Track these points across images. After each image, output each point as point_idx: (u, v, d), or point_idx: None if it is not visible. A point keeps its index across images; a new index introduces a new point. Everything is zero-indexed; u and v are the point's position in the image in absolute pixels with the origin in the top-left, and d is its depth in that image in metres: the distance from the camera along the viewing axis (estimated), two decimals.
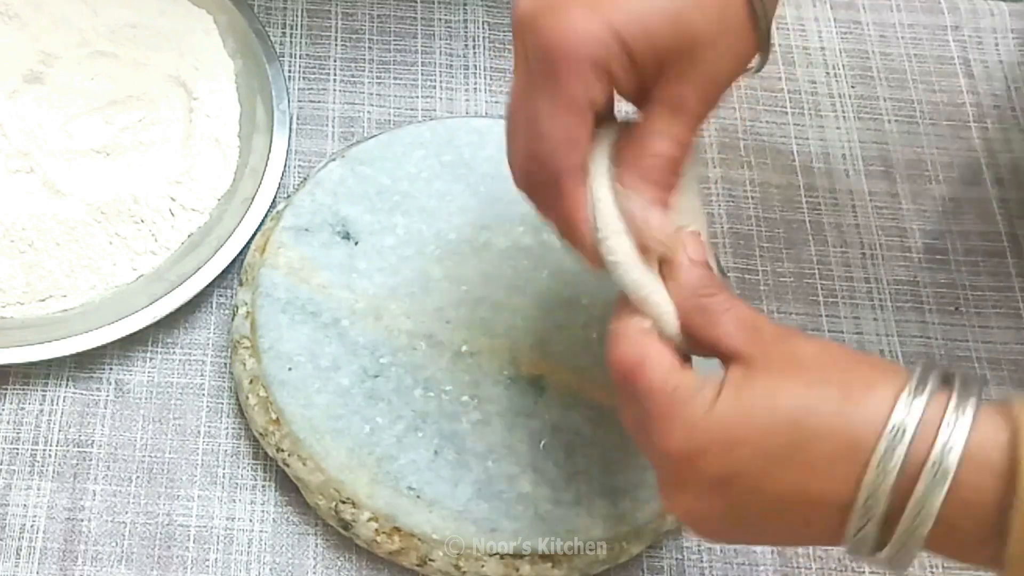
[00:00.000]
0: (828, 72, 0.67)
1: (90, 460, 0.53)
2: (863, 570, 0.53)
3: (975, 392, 0.37)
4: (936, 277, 0.61)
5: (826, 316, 0.59)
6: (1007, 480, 0.35)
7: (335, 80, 0.64)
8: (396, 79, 0.64)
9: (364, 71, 0.64)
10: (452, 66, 0.65)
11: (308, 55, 0.64)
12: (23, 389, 0.54)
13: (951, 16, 0.70)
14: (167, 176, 0.57)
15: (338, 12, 0.66)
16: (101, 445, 0.53)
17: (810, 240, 0.62)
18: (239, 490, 0.52)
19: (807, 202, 0.63)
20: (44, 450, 0.53)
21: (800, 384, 0.38)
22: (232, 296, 0.57)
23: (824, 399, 0.37)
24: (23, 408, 0.54)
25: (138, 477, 0.52)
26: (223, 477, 0.53)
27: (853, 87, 0.67)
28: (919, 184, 0.64)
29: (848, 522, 0.37)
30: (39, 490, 0.52)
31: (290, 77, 0.63)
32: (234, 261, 0.56)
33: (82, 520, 0.51)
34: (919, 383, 0.37)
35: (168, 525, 0.51)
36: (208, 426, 0.54)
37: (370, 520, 0.50)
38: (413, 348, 0.53)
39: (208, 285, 0.55)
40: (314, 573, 0.51)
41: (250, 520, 0.52)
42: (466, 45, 0.66)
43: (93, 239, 0.55)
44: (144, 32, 0.62)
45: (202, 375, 0.55)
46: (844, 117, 0.66)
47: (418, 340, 0.53)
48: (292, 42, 0.65)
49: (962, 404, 0.36)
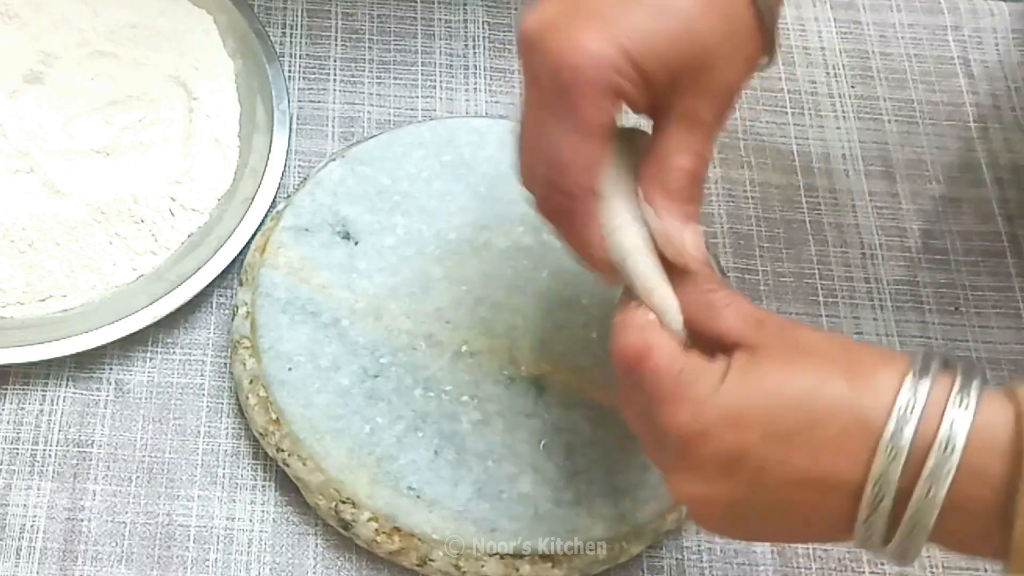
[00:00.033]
0: (828, 72, 0.67)
1: (90, 460, 0.53)
2: (863, 571, 0.53)
3: (978, 376, 0.37)
4: (936, 277, 0.61)
5: (826, 316, 0.59)
6: (1013, 462, 0.35)
7: (335, 80, 0.64)
8: (396, 79, 0.64)
9: (364, 71, 0.64)
10: (452, 66, 0.65)
11: (308, 55, 0.64)
12: (23, 389, 0.54)
13: (951, 16, 0.70)
14: (167, 176, 0.57)
15: (338, 12, 0.66)
16: (101, 445, 0.53)
17: (810, 240, 0.62)
18: (239, 490, 0.52)
19: (807, 202, 0.63)
20: (44, 450, 0.53)
21: (806, 367, 0.38)
22: (232, 296, 0.57)
23: (830, 380, 0.37)
24: (23, 408, 0.54)
25: (138, 477, 0.52)
26: (223, 477, 0.53)
27: (853, 87, 0.67)
28: (919, 184, 0.64)
29: (858, 507, 0.37)
30: (39, 490, 0.52)
31: (290, 77, 0.63)
32: (234, 261, 0.56)
33: (82, 520, 0.51)
34: (923, 366, 0.37)
35: (168, 525, 0.51)
36: (208, 426, 0.54)
37: (370, 520, 0.50)
38: (413, 348, 0.53)
39: (208, 285, 0.55)
40: (314, 573, 0.51)
41: (250, 520, 0.52)
42: (466, 45, 0.66)
43: (93, 239, 0.55)
44: (144, 32, 0.62)
45: (202, 375, 0.55)
46: (844, 117, 0.66)
47: (418, 340, 0.53)
48: (292, 42, 0.65)
49: (966, 386, 0.36)
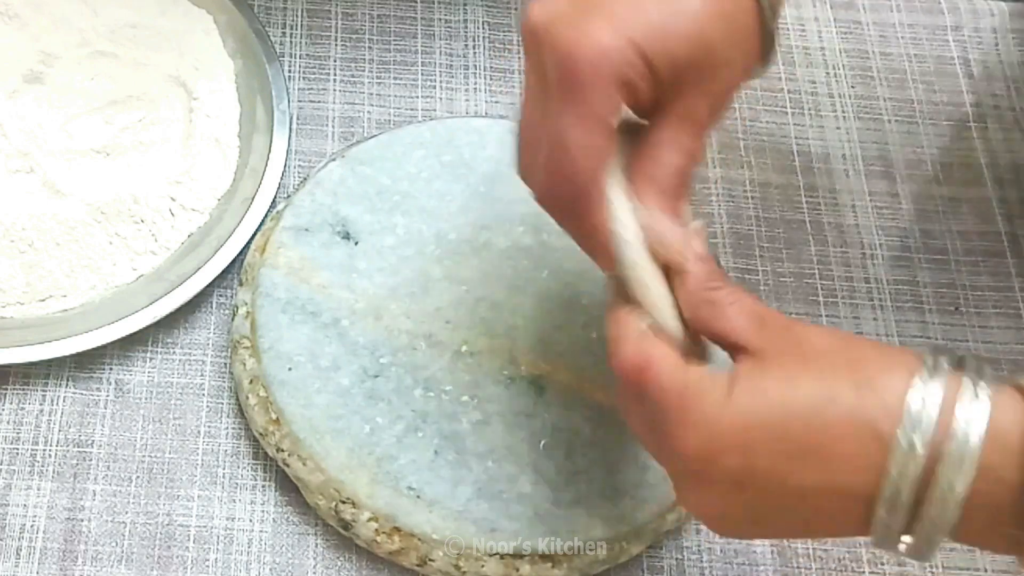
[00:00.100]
0: (828, 72, 0.67)
1: (90, 460, 0.53)
2: (863, 571, 0.53)
3: (988, 373, 0.36)
4: (936, 277, 0.61)
5: (826, 316, 0.59)
6: None
7: (335, 80, 0.64)
8: (396, 79, 0.64)
9: (364, 71, 0.64)
10: (452, 66, 0.65)
11: (308, 55, 0.64)
12: (23, 389, 0.54)
13: (951, 16, 0.70)
14: (167, 176, 0.57)
15: (338, 12, 0.66)
16: (101, 445, 0.53)
17: (810, 240, 0.62)
18: (239, 490, 0.52)
19: (807, 202, 0.63)
20: (44, 450, 0.53)
21: (813, 375, 0.37)
22: (232, 296, 0.57)
23: (839, 389, 0.37)
24: (23, 408, 0.54)
25: (138, 477, 0.52)
26: (223, 477, 0.53)
27: (853, 87, 0.67)
28: (919, 184, 0.64)
29: (873, 513, 0.36)
30: (39, 490, 0.52)
31: (290, 77, 0.63)
32: (234, 261, 0.56)
33: (82, 520, 0.51)
34: (932, 365, 0.37)
35: (168, 525, 0.51)
36: (208, 426, 0.54)
37: (370, 520, 0.50)
38: (413, 348, 0.53)
39: (208, 285, 0.55)
40: (314, 573, 0.51)
41: (250, 520, 0.52)
42: (466, 45, 0.66)
43: (93, 239, 0.55)
44: (144, 32, 0.62)
45: (202, 375, 0.55)
46: (844, 117, 0.66)
47: (418, 340, 0.53)
48: (292, 42, 0.65)
49: (977, 386, 0.36)
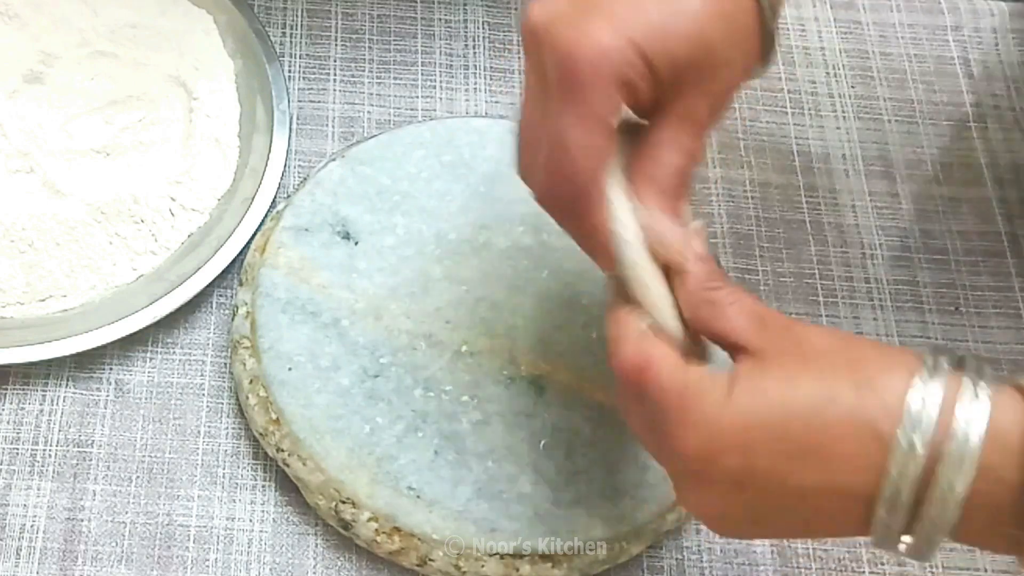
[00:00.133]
0: (828, 72, 0.67)
1: (90, 460, 0.53)
2: (863, 571, 0.53)
3: (988, 373, 0.36)
4: (936, 277, 0.61)
5: (826, 316, 0.59)
6: None
7: (335, 80, 0.64)
8: (396, 79, 0.64)
9: (364, 71, 0.64)
10: (452, 66, 0.65)
11: (308, 55, 0.64)
12: (23, 389, 0.54)
13: (951, 16, 0.70)
14: (167, 176, 0.57)
15: (338, 12, 0.66)
16: (101, 445, 0.53)
17: (810, 240, 0.62)
18: (239, 490, 0.52)
19: (807, 202, 0.63)
20: (44, 450, 0.53)
21: (813, 375, 0.37)
22: (232, 296, 0.57)
23: (839, 389, 0.37)
24: (23, 408, 0.54)
25: (138, 477, 0.52)
26: (223, 477, 0.53)
27: (853, 87, 0.67)
28: (919, 184, 0.64)
29: (873, 513, 0.36)
30: (39, 490, 0.52)
31: (290, 77, 0.63)
32: (234, 261, 0.56)
33: (82, 520, 0.51)
34: (932, 364, 0.37)
35: (168, 525, 0.51)
36: (208, 426, 0.54)
37: (370, 520, 0.50)
38: (413, 348, 0.53)
39: (208, 285, 0.55)
40: (314, 573, 0.51)
41: (250, 520, 0.52)
42: (466, 45, 0.66)
43: (93, 239, 0.55)
44: (144, 32, 0.62)
45: (202, 375, 0.55)
46: (844, 117, 0.66)
47: (418, 340, 0.53)
48: (292, 42, 0.65)
49: (977, 385, 0.36)
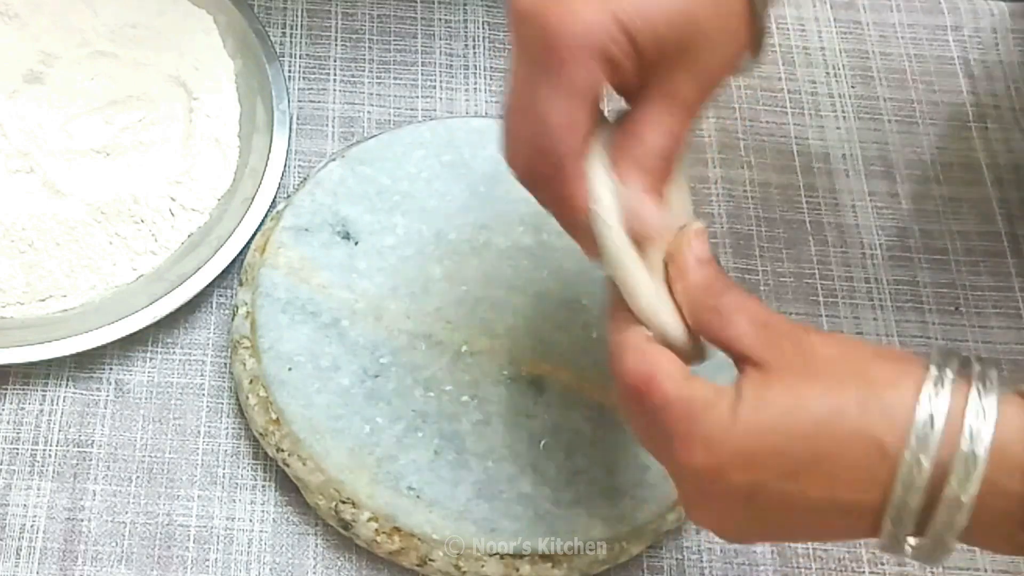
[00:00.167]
0: (828, 72, 0.67)
1: (90, 460, 0.53)
2: (863, 571, 0.53)
3: (995, 377, 0.36)
4: (936, 277, 0.61)
5: (826, 316, 0.59)
6: None
7: (335, 80, 0.64)
8: (396, 79, 0.64)
9: (364, 71, 0.64)
10: (452, 66, 0.65)
11: (308, 55, 0.64)
12: (23, 389, 0.54)
13: (951, 16, 0.70)
14: (167, 176, 0.57)
15: (338, 12, 0.66)
16: (101, 445, 0.53)
17: (810, 240, 0.62)
18: (239, 490, 0.52)
19: (807, 202, 0.63)
20: (44, 450, 0.53)
21: (819, 389, 0.37)
22: (232, 296, 0.57)
23: (845, 403, 0.36)
24: (23, 408, 0.54)
25: (138, 477, 0.52)
26: (223, 477, 0.53)
27: (853, 87, 0.67)
28: (919, 184, 0.64)
29: (881, 525, 0.36)
30: (39, 490, 0.52)
31: (290, 77, 0.63)
32: (234, 261, 0.56)
33: (82, 520, 0.51)
34: (938, 375, 0.36)
35: (168, 525, 0.51)
36: (208, 426, 0.54)
37: (370, 520, 0.50)
38: (413, 348, 0.53)
39: (208, 285, 0.55)
40: (314, 573, 0.51)
41: (250, 520, 0.52)
42: (466, 45, 0.66)
43: (93, 239, 0.55)
44: (144, 32, 0.62)
45: (202, 375, 0.55)
46: (844, 117, 0.66)
47: (418, 340, 0.53)
48: (292, 42, 0.65)
49: (984, 391, 0.36)
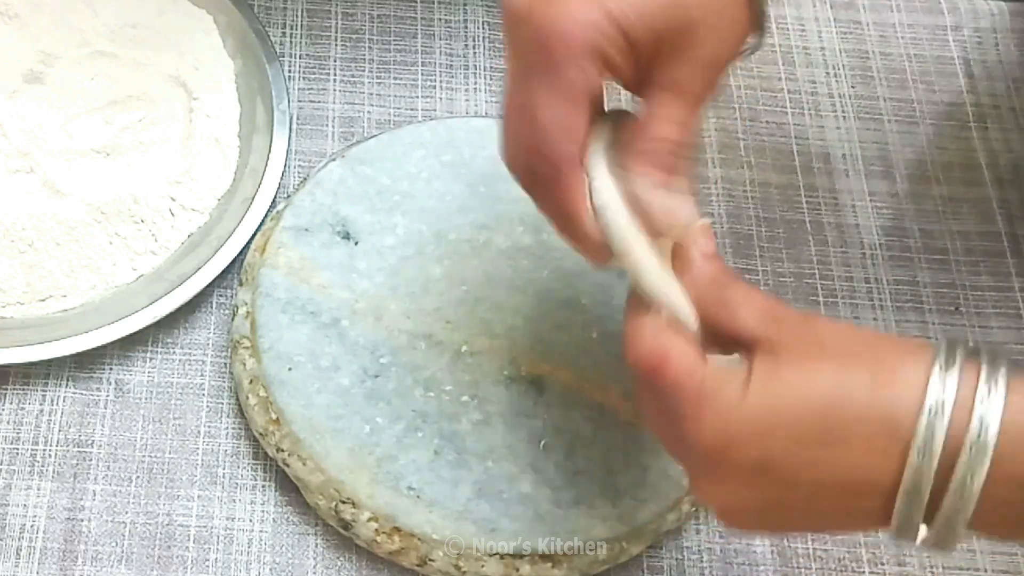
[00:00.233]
0: (828, 72, 0.67)
1: (90, 460, 0.53)
2: (863, 571, 0.53)
3: (1004, 363, 0.36)
4: (936, 277, 0.61)
5: (826, 316, 0.59)
6: None
7: (335, 80, 0.64)
8: (396, 79, 0.64)
9: (364, 71, 0.64)
10: (452, 66, 0.65)
11: (308, 55, 0.64)
12: (23, 389, 0.54)
13: (951, 16, 0.70)
14: (167, 176, 0.57)
15: (338, 12, 0.66)
16: (101, 445, 0.53)
17: (810, 240, 0.62)
18: (239, 490, 0.52)
19: (807, 202, 0.63)
20: (44, 450, 0.53)
21: (830, 368, 0.37)
22: (232, 296, 0.57)
23: (856, 381, 0.36)
24: (23, 408, 0.54)
25: (138, 477, 0.52)
26: (223, 477, 0.53)
27: (853, 87, 0.67)
28: (919, 184, 0.64)
29: (892, 505, 0.36)
30: (39, 490, 0.52)
31: (290, 77, 0.63)
32: (234, 261, 0.56)
33: (82, 520, 0.51)
34: (948, 358, 0.36)
35: (168, 525, 0.51)
36: (208, 426, 0.54)
37: (370, 520, 0.50)
38: (413, 348, 0.53)
39: (208, 285, 0.55)
40: (314, 573, 0.51)
41: (250, 520, 0.52)
42: (466, 45, 0.66)
43: (93, 239, 0.55)
44: (144, 32, 0.62)
45: (202, 375, 0.55)
46: (844, 117, 0.66)
47: (418, 340, 0.53)
48: (292, 42, 0.65)
49: (993, 376, 0.36)
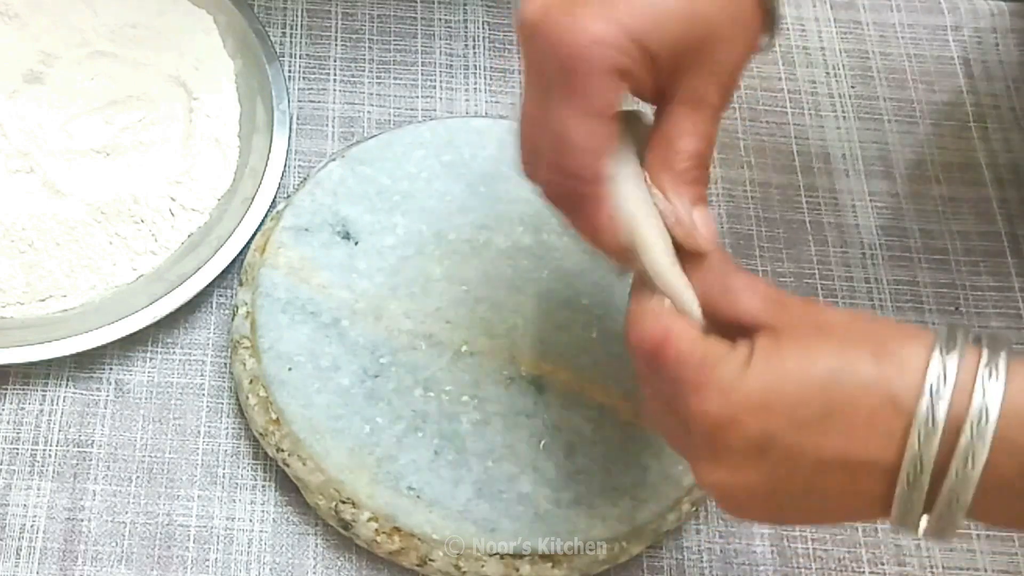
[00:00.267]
0: (828, 72, 0.67)
1: (90, 460, 0.53)
2: (863, 571, 0.53)
3: (1004, 348, 0.36)
4: (936, 277, 0.61)
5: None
6: None
7: (335, 80, 0.64)
8: (396, 79, 0.64)
9: (364, 71, 0.64)
10: (452, 66, 0.65)
11: (308, 55, 0.64)
12: (23, 389, 0.54)
13: (951, 16, 0.70)
14: (167, 176, 0.57)
15: (338, 12, 0.66)
16: (101, 445, 0.53)
17: (810, 240, 0.62)
18: (239, 490, 0.52)
19: (807, 202, 0.63)
20: (44, 450, 0.53)
21: (831, 346, 0.37)
22: (232, 296, 0.57)
23: (857, 360, 0.36)
24: (23, 408, 0.54)
25: (138, 477, 0.52)
26: (223, 477, 0.53)
27: (853, 87, 0.67)
28: (919, 184, 0.64)
29: (893, 486, 0.36)
30: (39, 490, 0.52)
31: (290, 77, 0.63)
32: (234, 261, 0.56)
33: (82, 520, 0.51)
34: (949, 341, 0.36)
35: (168, 525, 0.51)
36: (208, 426, 0.54)
37: (370, 520, 0.50)
38: (413, 348, 0.53)
39: (208, 285, 0.55)
40: (314, 573, 0.51)
41: (250, 520, 0.52)
42: (466, 45, 0.66)
43: (93, 239, 0.55)
44: (144, 32, 0.62)
45: (202, 375, 0.55)
46: (844, 117, 0.66)
47: (418, 340, 0.53)
48: (292, 42, 0.65)
49: (994, 359, 0.36)
